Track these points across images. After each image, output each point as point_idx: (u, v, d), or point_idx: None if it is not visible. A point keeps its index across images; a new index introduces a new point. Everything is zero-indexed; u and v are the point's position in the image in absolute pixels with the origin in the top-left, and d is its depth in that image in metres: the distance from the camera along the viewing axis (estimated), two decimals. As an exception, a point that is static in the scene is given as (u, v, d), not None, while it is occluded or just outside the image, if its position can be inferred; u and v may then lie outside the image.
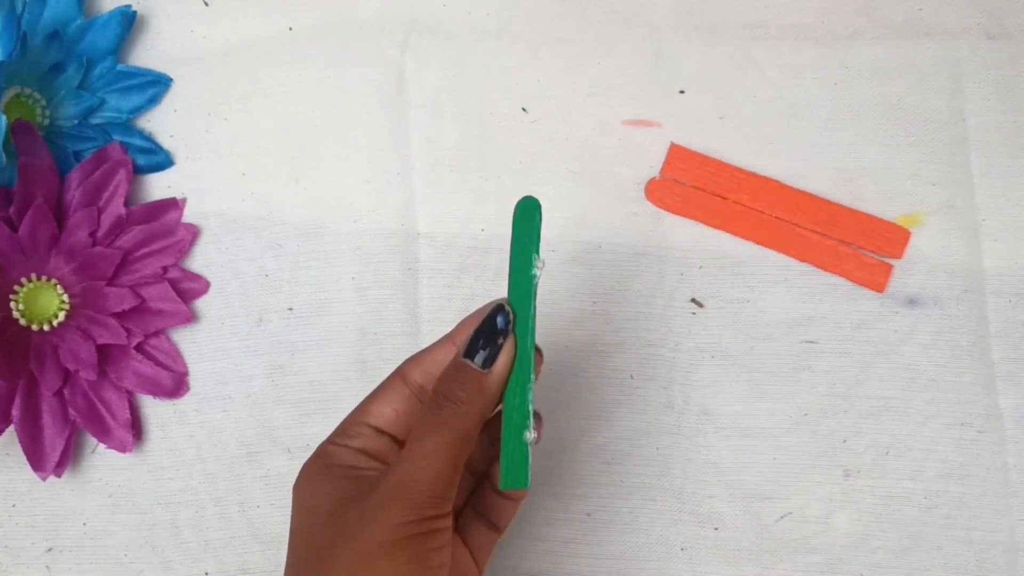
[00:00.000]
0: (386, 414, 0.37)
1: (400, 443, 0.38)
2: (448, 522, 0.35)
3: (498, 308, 0.36)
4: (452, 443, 0.35)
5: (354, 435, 0.37)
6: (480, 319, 0.37)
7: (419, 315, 0.47)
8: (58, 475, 0.45)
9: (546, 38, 0.49)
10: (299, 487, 0.37)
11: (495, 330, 0.36)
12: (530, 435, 0.36)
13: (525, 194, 0.36)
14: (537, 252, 0.36)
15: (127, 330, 0.46)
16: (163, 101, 0.49)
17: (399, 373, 0.38)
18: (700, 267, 0.47)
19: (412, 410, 0.38)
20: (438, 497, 0.34)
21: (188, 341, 0.47)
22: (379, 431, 0.37)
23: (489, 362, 0.36)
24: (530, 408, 0.37)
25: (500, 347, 0.36)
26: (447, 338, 0.38)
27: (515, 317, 0.36)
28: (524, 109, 0.49)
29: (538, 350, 0.37)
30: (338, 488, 0.36)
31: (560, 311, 0.47)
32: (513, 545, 0.45)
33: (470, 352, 0.36)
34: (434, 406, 0.35)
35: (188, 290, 0.47)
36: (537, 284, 0.37)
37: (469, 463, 0.38)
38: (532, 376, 0.37)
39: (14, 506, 0.46)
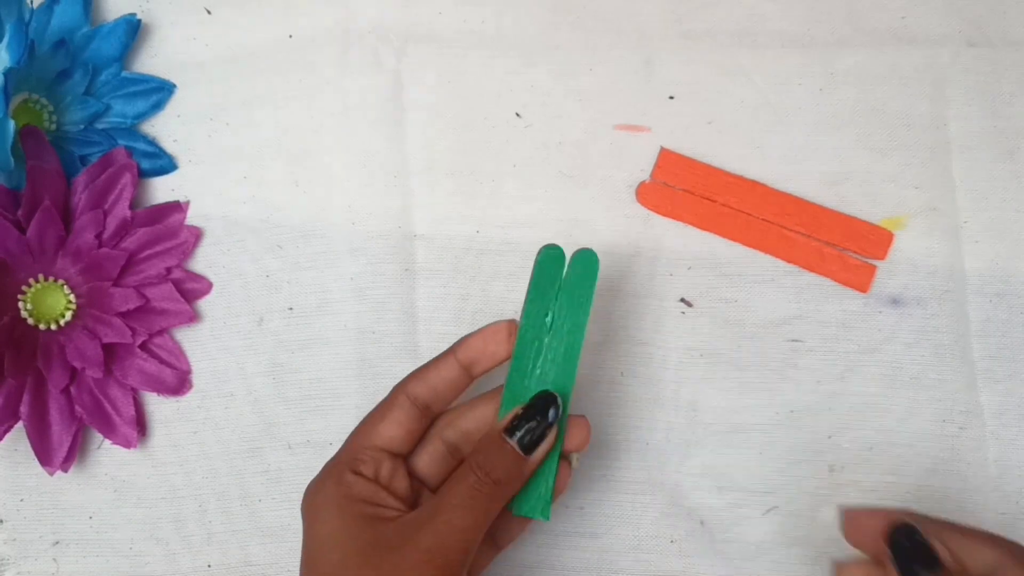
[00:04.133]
0: (397, 436, 0.38)
1: (403, 459, 0.38)
2: None
3: (551, 399, 0.37)
4: (485, 519, 0.36)
5: (367, 460, 0.37)
6: (483, 341, 0.38)
7: (416, 314, 0.47)
8: (65, 470, 0.45)
9: (539, 46, 0.49)
10: (317, 510, 0.37)
11: (543, 419, 0.37)
12: (572, 463, 0.39)
13: (547, 242, 0.39)
14: (555, 301, 0.39)
15: (132, 329, 0.46)
16: (167, 107, 0.49)
17: (402, 391, 0.38)
18: (689, 268, 0.48)
19: (419, 428, 0.38)
20: (464, 566, 0.35)
21: (191, 340, 0.47)
22: (390, 454, 0.38)
23: (531, 448, 0.36)
24: (560, 445, 0.39)
25: (544, 437, 0.37)
26: (449, 354, 0.39)
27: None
28: (518, 114, 0.49)
29: (584, 421, 0.39)
30: (361, 527, 0.36)
31: (553, 311, 0.47)
32: (507, 538, 0.46)
33: (511, 430, 0.36)
34: (474, 481, 0.35)
35: (191, 290, 0.47)
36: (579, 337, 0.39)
37: None
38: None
39: (22, 500, 0.46)
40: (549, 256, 0.39)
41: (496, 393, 0.39)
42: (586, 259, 0.39)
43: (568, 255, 0.39)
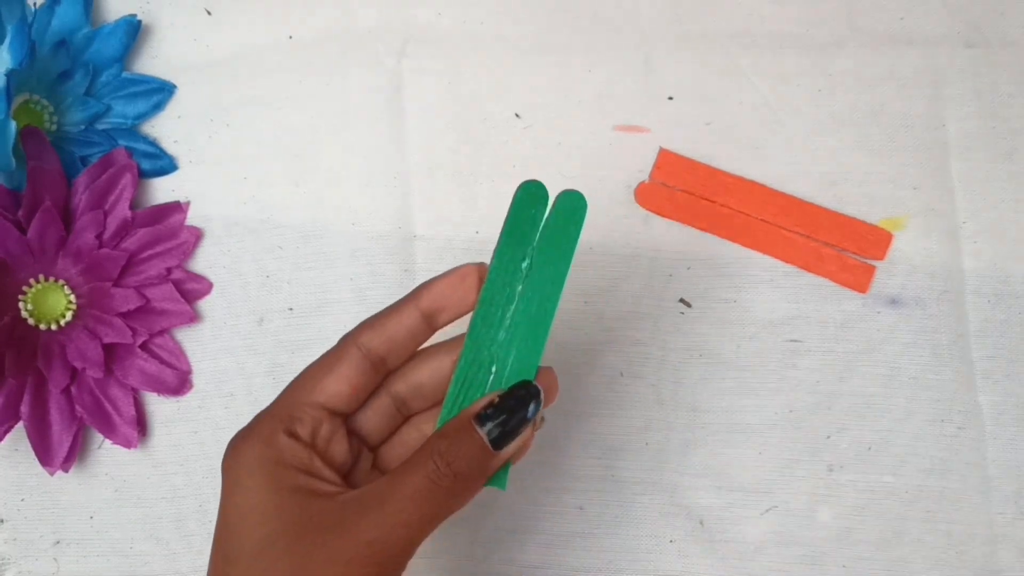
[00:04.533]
0: (342, 392, 0.33)
1: (344, 418, 0.34)
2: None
3: (533, 393, 0.33)
4: (440, 515, 0.31)
5: (304, 418, 0.33)
6: (450, 286, 0.34)
7: None
8: (65, 470, 0.45)
9: (539, 46, 0.49)
10: (237, 476, 0.32)
11: (522, 414, 0.32)
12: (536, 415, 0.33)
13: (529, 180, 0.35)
14: (532, 244, 0.34)
15: (132, 329, 0.46)
16: (167, 107, 0.49)
17: (352, 341, 0.34)
18: (688, 268, 0.48)
19: (368, 385, 0.34)
20: (404, 564, 0.31)
21: (191, 340, 0.47)
22: (331, 413, 0.33)
23: (501, 442, 0.32)
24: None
25: (518, 434, 0.32)
26: (410, 301, 0.34)
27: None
28: (517, 115, 0.49)
29: (551, 373, 0.35)
30: (292, 501, 0.31)
31: (552, 311, 0.47)
32: (506, 538, 0.46)
33: (483, 419, 0.32)
34: (432, 469, 0.31)
35: (191, 291, 0.47)
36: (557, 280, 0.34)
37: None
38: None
39: (23, 500, 0.46)
40: (529, 193, 0.34)
41: (454, 343, 0.35)
42: (572, 201, 0.34)
43: (552, 196, 0.35)
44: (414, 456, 0.32)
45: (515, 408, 0.32)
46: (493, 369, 0.34)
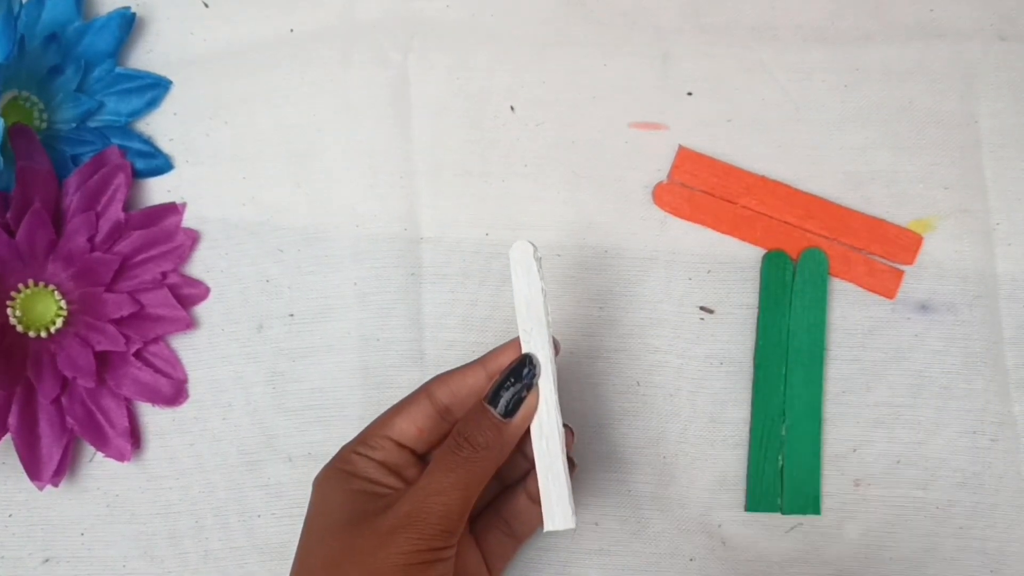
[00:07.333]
0: (409, 431, 0.39)
1: (419, 456, 0.40)
2: (452, 552, 0.37)
3: (526, 359, 0.38)
4: (466, 484, 0.37)
5: (375, 446, 0.39)
6: (511, 353, 0.39)
7: (422, 321, 0.47)
8: (55, 484, 0.45)
9: (551, 40, 0.49)
10: (318, 485, 0.39)
11: (520, 381, 0.38)
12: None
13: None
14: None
15: (126, 337, 0.45)
16: (162, 104, 0.49)
17: (425, 390, 0.40)
18: (709, 271, 0.47)
19: (435, 428, 0.39)
20: (446, 531, 0.36)
21: (188, 348, 0.47)
22: (400, 445, 0.39)
23: (511, 412, 0.37)
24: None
25: (523, 399, 0.38)
26: (479, 362, 0.39)
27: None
28: (529, 112, 0.48)
29: (569, 429, 0.39)
30: (354, 499, 0.38)
31: (566, 317, 0.46)
32: (520, 555, 0.45)
33: (493, 398, 0.37)
34: (454, 445, 0.37)
35: (188, 296, 0.47)
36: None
37: (497, 472, 0.39)
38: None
39: (11, 516, 0.46)
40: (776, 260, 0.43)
41: (485, 360, 0.40)
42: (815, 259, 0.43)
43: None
44: (443, 443, 0.38)
45: (514, 377, 0.38)
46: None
